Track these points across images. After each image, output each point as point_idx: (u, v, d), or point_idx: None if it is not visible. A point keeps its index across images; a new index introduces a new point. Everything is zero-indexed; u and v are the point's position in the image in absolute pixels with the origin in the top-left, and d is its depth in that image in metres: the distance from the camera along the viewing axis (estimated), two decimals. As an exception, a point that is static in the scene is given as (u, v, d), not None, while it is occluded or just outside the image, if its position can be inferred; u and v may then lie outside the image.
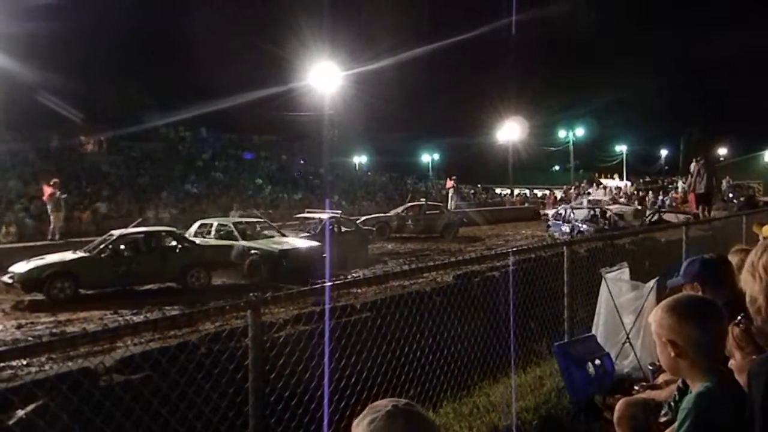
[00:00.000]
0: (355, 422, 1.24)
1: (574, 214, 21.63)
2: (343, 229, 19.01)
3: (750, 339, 2.13)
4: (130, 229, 14.62)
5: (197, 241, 15.23)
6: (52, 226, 17.76)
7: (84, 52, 33.89)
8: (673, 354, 1.95)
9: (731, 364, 2.09)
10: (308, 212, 20.54)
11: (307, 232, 17.84)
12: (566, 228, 20.50)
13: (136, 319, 10.26)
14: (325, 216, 18.50)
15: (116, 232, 14.03)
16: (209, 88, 36.00)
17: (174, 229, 15.59)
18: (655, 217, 21.27)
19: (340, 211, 21.65)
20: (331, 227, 17.89)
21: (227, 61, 41.70)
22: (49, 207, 17.91)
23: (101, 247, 13.30)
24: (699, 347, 1.92)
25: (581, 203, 26.60)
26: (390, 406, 1.21)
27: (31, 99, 28.78)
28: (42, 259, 12.86)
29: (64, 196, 18.51)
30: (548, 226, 23.15)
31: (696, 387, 1.92)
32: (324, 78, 33.11)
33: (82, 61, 34.40)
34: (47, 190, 18.13)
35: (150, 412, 3.55)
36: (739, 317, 2.11)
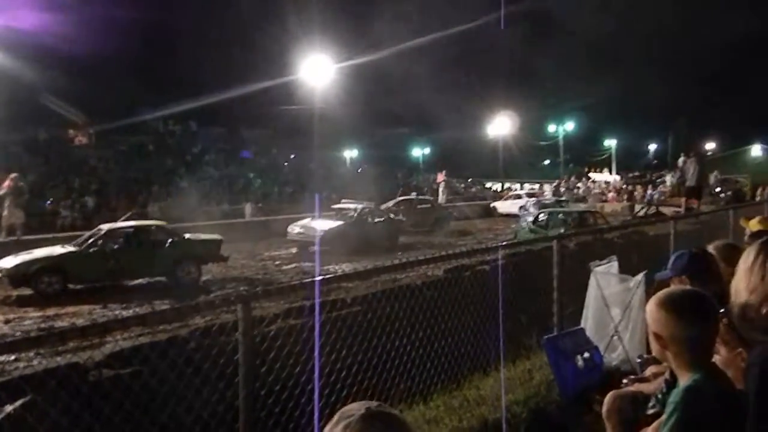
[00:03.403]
0: (327, 428, 1.19)
1: (535, 207, 24.44)
2: (376, 219, 20.07)
3: (734, 333, 2.14)
4: (119, 224, 14.53)
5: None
6: (8, 223, 16.29)
7: (73, 45, 33.57)
8: (657, 346, 1.97)
9: (717, 359, 2.10)
10: (344, 203, 21.75)
11: (343, 220, 19.20)
12: (530, 218, 22.66)
13: (125, 313, 10.22)
14: (360, 206, 20.16)
15: (105, 227, 13.95)
16: (199, 82, 35.91)
17: (164, 223, 15.51)
18: (653, 210, 22.26)
19: (373, 203, 22.03)
20: (364, 216, 19.65)
21: (217, 55, 41.53)
22: (6, 202, 16.32)
23: (90, 241, 13.22)
24: (683, 343, 1.92)
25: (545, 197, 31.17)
26: (363, 409, 1.18)
27: (19, 92, 28.49)
28: (30, 253, 12.76)
29: (21, 190, 16.94)
30: (520, 217, 24.44)
31: (683, 381, 1.93)
32: (314, 71, 32.97)
33: (70, 55, 34.09)
34: (7, 184, 16.55)
35: (140, 407, 3.54)
36: (720, 311, 2.12)
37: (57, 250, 13.15)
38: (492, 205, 34.11)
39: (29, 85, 29.00)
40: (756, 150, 48.91)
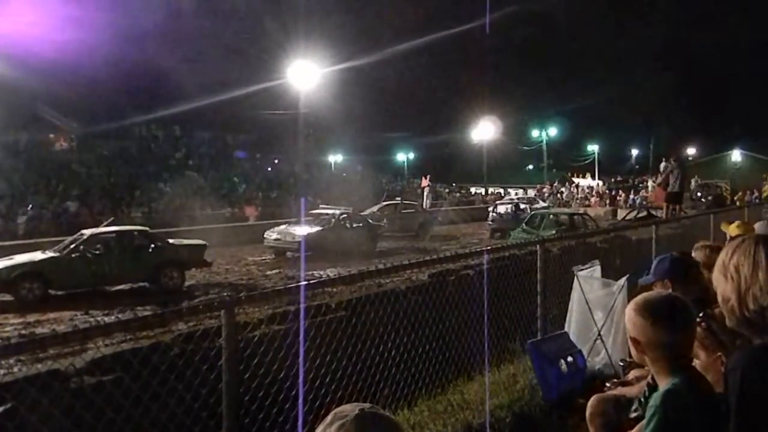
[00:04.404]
0: (320, 429, 1.20)
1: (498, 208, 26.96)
2: (354, 224, 20.06)
3: (713, 337, 2.16)
4: (102, 229, 14.39)
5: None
6: None
7: (54, 48, 33.23)
8: (636, 351, 2.00)
9: (696, 363, 2.12)
10: (322, 208, 22.06)
11: (321, 226, 19.33)
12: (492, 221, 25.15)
13: (107, 319, 10.11)
14: (338, 212, 20.35)
15: (87, 232, 13.81)
16: (183, 86, 35.62)
17: (146, 228, 15.38)
18: (644, 213, 22.93)
19: (351, 208, 22.03)
20: (342, 222, 19.68)
21: (201, 59, 41.29)
22: None
23: (72, 246, 13.07)
24: (660, 348, 1.94)
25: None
26: (357, 410, 1.20)
27: (-1, 96, 28.14)
28: (11, 259, 12.60)
29: None
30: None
31: (663, 385, 1.95)
32: (299, 77, 32.91)
33: (52, 58, 33.72)
34: None
35: (122, 414, 3.50)
36: (700, 315, 2.13)
37: (38, 255, 12.99)
38: (489, 209, 34.41)
39: (9, 89, 28.61)
40: (736, 155, 49.58)
